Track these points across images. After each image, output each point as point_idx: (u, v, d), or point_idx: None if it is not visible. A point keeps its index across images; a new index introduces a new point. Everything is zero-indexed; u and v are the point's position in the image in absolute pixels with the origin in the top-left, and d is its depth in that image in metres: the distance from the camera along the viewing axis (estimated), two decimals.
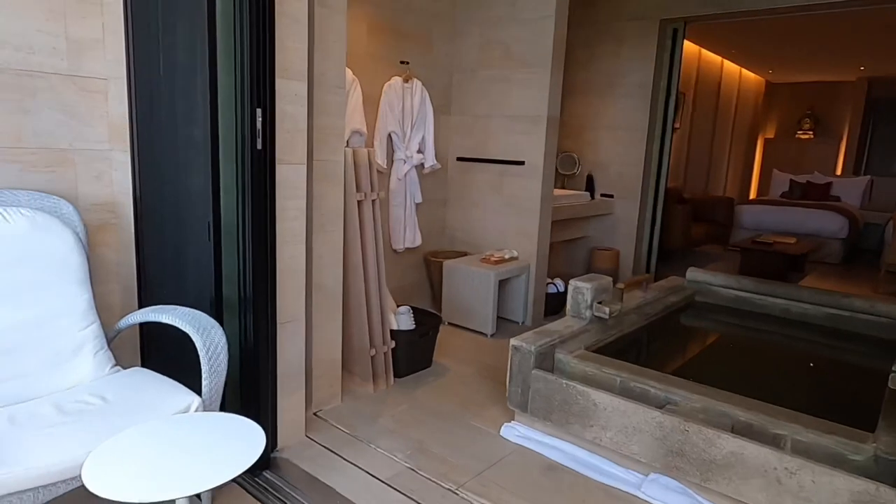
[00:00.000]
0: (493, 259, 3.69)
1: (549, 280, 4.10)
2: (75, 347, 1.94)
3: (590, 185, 5.01)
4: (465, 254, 4.07)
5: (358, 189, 2.58)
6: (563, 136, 5.11)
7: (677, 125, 6.49)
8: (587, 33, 4.94)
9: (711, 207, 7.02)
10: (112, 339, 2.11)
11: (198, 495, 1.88)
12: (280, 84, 1.99)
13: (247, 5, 1.81)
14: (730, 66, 7.82)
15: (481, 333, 3.64)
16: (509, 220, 3.91)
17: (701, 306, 3.49)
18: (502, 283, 3.77)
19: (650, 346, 2.98)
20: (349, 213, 2.56)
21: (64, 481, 1.49)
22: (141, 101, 2.24)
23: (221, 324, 1.96)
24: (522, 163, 3.76)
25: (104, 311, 2.32)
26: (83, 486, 1.33)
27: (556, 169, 5.11)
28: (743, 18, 4.51)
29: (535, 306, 3.87)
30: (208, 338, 1.80)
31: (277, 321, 2.13)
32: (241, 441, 1.46)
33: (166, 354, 2.27)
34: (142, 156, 2.29)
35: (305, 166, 2.16)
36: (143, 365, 2.41)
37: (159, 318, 1.93)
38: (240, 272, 2.00)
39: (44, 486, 1.46)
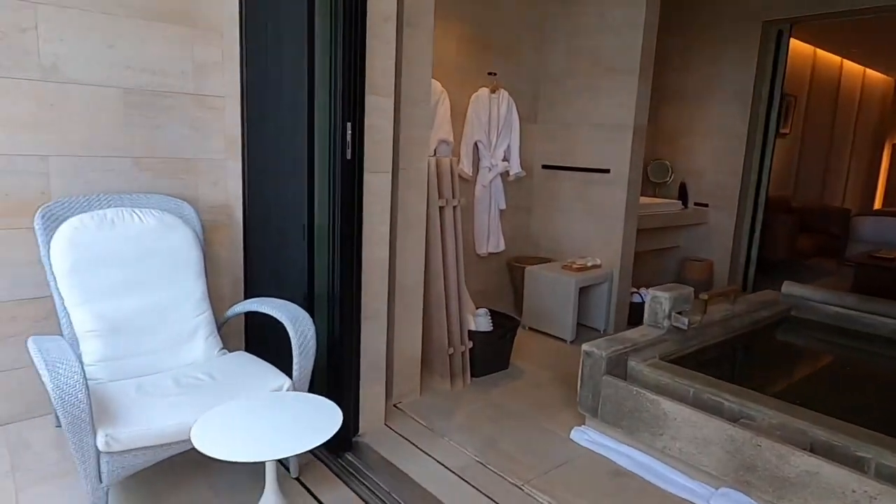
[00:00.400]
0: (574, 266, 3.71)
1: (635, 289, 4.05)
2: (191, 331, 2.24)
3: (683, 194, 4.87)
4: (548, 260, 4.11)
5: (440, 196, 2.73)
6: (656, 143, 5.01)
7: (787, 130, 6.11)
8: (684, 37, 4.81)
9: (824, 218, 6.53)
10: (221, 326, 2.40)
11: (286, 467, 2.11)
12: (369, 100, 2.18)
13: (341, 29, 2.01)
14: (850, 66, 7.23)
15: (561, 339, 3.67)
16: (593, 227, 3.91)
17: (796, 322, 3.31)
18: (584, 291, 3.78)
19: (732, 361, 2.88)
20: (431, 219, 2.71)
21: (177, 443, 1.74)
22: (251, 116, 2.53)
23: (312, 316, 2.19)
24: (608, 171, 3.76)
25: (216, 301, 2.63)
26: (192, 448, 1.57)
27: (647, 177, 5.02)
28: (856, 17, 4.21)
29: (617, 315, 3.84)
30: (299, 327, 2.02)
31: (362, 316, 2.32)
32: (323, 419, 1.64)
33: (266, 340, 2.54)
34: (250, 165, 2.59)
35: (391, 175, 2.34)
36: (247, 349, 2.71)
37: (259, 308, 2.18)
38: (329, 270, 2.21)
39: (160, 446, 1.73)
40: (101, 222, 2.17)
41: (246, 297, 2.73)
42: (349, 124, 2.05)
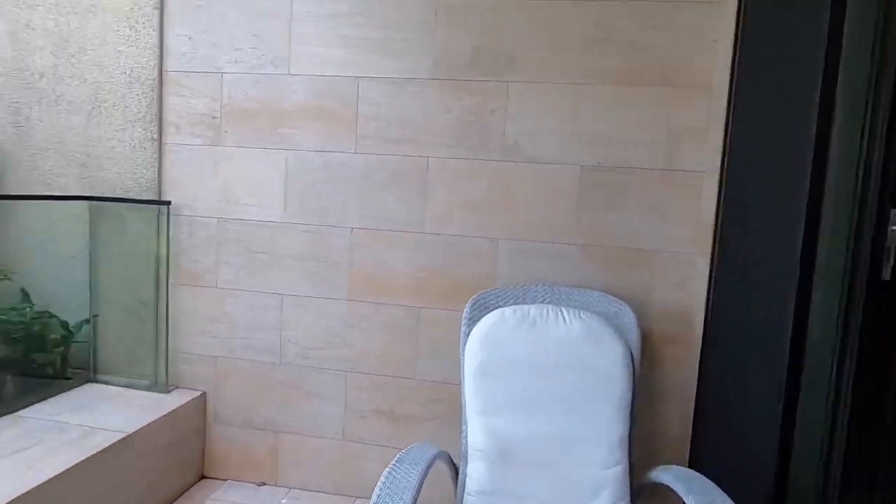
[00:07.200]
0: None
1: None
2: (593, 489, 1.63)
3: None
4: None
5: None
6: None
7: None
8: None
9: None
10: (639, 492, 1.68)
11: None
12: None
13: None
14: None
15: None
16: None
17: None
18: None
19: None
20: None
21: None
22: (729, 199, 1.78)
23: None
24: None
25: (651, 443, 1.98)
26: None
27: None
28: None
29: None
30: None
31: None
32: None
33: None
34: (721, 262, 1.82)
35: None
36: None
37: (675, 487, 1.38)
38: (823, 455, 1.23)
39: None
40: (523, 319, 1.83)
41: (693, 448, 1.92)
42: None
